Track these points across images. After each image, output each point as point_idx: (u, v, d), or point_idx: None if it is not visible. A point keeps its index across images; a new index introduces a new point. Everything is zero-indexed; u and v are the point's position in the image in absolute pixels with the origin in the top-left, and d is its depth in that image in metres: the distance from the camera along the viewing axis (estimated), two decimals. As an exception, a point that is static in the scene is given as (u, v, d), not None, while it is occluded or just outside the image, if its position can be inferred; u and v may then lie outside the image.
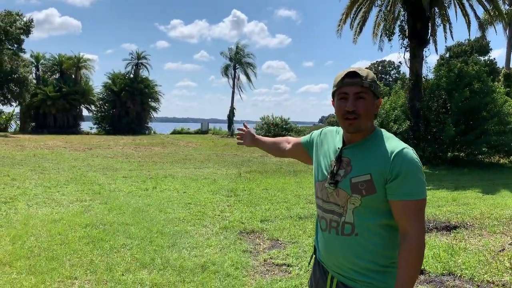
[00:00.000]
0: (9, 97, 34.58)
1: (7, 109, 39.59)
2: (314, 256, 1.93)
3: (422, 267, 4.30)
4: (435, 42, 17.90)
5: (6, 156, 15.46)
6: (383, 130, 1.72)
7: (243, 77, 43.53)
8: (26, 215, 6.51)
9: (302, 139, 2.09)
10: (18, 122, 40.31)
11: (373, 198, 1.60)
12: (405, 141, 16.56)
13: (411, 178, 1.56)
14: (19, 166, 12.66)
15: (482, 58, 35.89)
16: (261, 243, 5.36)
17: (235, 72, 42.99)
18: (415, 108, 16.45)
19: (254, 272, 4.35)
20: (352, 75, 1.65)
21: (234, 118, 43.07)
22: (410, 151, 1.61)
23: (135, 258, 4.61)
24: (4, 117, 39.44)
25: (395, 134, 16.79)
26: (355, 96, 1.63)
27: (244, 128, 2.49)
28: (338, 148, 1.75)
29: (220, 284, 3.95)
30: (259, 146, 2.41)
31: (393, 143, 1.64)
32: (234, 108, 43.09)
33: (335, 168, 1.70)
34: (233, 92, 42.87)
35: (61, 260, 4.50)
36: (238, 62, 42.77)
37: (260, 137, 2.43)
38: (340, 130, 1.83)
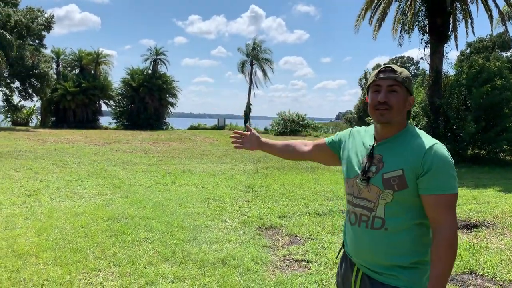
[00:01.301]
0: (30, 92, 35.30)
1: (28, 104, 40.36)
2: (342, 249, 1.96)
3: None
4: (456, 37, 17.65)
5: (28, 150, 15.80)
6: (415, 127, 1.75)
7: (259, 73, 43.64)
8: (49, 208, 6.66)
9: (326, 139, 2.07)
10: (39, 116, 41.05)
11: (405, 193, 1.63)
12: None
13: (442, 173, 1.59)
14: (41, 160, 12.93)
15: (504, 54, 35.15)
16: (280, 239, 5.39)
17: (252, 68, 43.10)
18: (434, 105, 16.23)
19: (273, 267, 4.39)
20: (387, 70, 1.71)
21: (251, 114, 43.20)
22: (441, 147, 1.64)
23: (156, 252, 4.70)
24: (25, 111, 40.23)
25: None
26: (388, 88, 1.68)
27: (246, 132, 2.30)
28: (370, 145, 1.77)
29: (241, 279, 4.00)
30: (266, 150, 2.26)
31: (425, 139, 1.67)
32: (250, 104, 43.22)
33: (366, 165, 1.72)
34: (249, 88, 43.02)
35: (85, 252, 4.61)
36: (255, 58, 42.83)
37: (267, 140, 2.29)
38: (369, 129, 1.86)
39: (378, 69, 1.73)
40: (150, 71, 42.76)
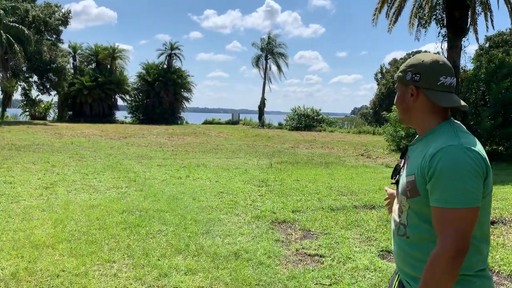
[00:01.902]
0: (48, 86, 35.85)
1: (46, 98, 40.99)
2: None
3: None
4: (475, 31, 17.33)
5: (46, 144, 16.05)
6: (453, 125, 1.53)
7: (274, 68, 43.47)
8: (65, 200, 6.77)
9: None
10: (56, 110, 41.67)
11: (417, 201, 1.48)
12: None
13: (444, 181, 1.37)
14: (58, 153, 13.12)
15: (524, 48, 34.38)
16: (293, 233, 5.39)
17: (266, 62, 42.95)
18: (452, 100, 16.00)
19: (286, 261, 4.38)
20: None
21: (265, 109, 43.11)
22: (456, 150, 1.39)
23: (170, 244, 4.74)
24: (43, 106, 40.88)
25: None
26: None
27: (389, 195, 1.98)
28: (407, 145, 1.69)
29: (253, 272, 4.01)
30: None
31: (445, 139, 1.45)
32: (265, 99, 43.12)
33: (398, 167, 1.68)
34: (264, 83, 42.87)
35: (100, 244, 4.67)
36: (269, 53, 42.68)
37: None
38: None
39: None
40: (165, 66, 43.01)
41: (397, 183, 1.65)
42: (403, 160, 1.67)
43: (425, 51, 60.06)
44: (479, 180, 1.39)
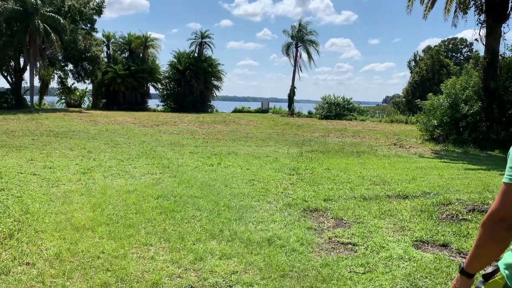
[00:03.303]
0: (82, 74, 36.76)
1: (81, 86, 42.11)
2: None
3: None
4: (516, 17, 16.58)
5: (82, 131, 16.54)
6: None
7: (304, 55, 43.09)
8: (103, 185, 6.98)
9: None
10: (91, 98, 42.74)
11: None
12: (477, 123, 15.75)
13: None
14: (94, 140, 13.51)
15: None
16: (325, 222, 5.39)
17: (297, 50, 42.61)
18: (489, 88, 15.48)
19: (319, 249, 4.41)
20: None
21: (295, 97, 42.88)
22: None
23: (204, 229, 4.84)
24: (78, 93, 41.98)
25: (465, 115, 15.96)
26: None
27: None
28: None
29: (287, 258, 4.05)
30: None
31: None
32: (294, 87, 42.88)
33: None
34: (294, 71, 42.60)
35: (137, 228, 4.82)
36: (300, 40, 42.29)
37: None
38: None
39: None
40: (196, 54, 43.29)
41: None
42: None
43: (461, 38, 57.88)
44: None
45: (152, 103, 45.18)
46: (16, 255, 3.90)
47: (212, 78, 43.83)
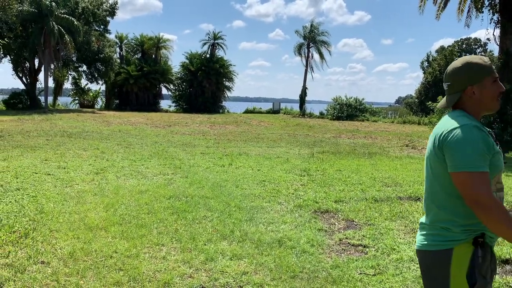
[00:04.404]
0: (96, 75, 37.20)
1: (94, 87, 42.58)
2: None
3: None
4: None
5: (95, 131, 16.73)
6: None
7: (316, 56, 42.99)
8: (116, 186, 7.07)
9: (487, 168, 1.74)
10: (104, 99, 43.19)
11: None
12: (490, 124, 15.56)
13: None
14: (107, 140, 13.66)
15: None
16: (336, 223, 5.40)
17: (308, 50, 42.54)
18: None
19: (330, 250, 4.42)
20: None
21: (306, 98, 42.79)
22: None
23: (215, 230, 4.88)
24: (91, 94, 42.47)
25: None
26: None
27: None
28: (490, 132, 1.85)
29: (297, 260, 4.07)
30: None
31: None
32: (306, 88, 42.79)
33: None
34: (305, 72, 42.53)
35: (149, 228, 4.87)
36: (312, 41, 42.22)
37: None
38: (479, 126, 1.78)
39: (488, 59, 1.82)
40: (208, 55, 43.45)
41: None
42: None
43: (475, 38, 57.27)
44: None
45: (164, 104, 45.48)
46: (32, 253, 3.98)
47: (224, 79, 43.95)
